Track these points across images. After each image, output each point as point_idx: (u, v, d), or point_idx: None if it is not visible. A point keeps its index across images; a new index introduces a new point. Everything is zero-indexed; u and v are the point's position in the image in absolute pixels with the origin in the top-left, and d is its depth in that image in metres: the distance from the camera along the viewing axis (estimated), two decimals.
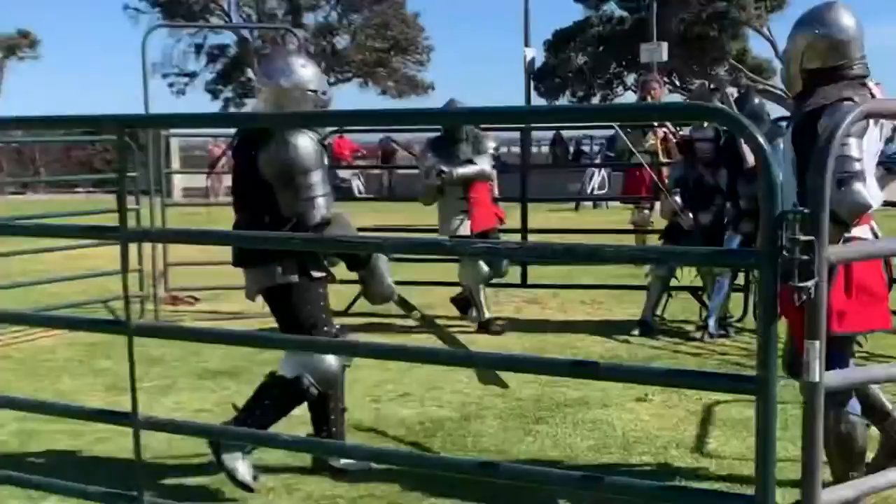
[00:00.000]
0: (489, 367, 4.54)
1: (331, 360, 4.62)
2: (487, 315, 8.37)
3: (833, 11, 3.96)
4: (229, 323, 8.68)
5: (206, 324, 8.58)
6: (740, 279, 8.27)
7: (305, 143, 4.48)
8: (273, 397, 4.64)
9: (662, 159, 10.48)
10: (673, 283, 9.61)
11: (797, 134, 3.72)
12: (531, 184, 9.73)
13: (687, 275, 8.37)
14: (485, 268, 8.31)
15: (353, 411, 5.84)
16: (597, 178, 23.63)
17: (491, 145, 8.65)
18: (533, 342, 7.80)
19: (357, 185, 27.22)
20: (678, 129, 10.45)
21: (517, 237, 9.31)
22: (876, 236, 4.20)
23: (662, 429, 5.39)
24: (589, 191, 23.20)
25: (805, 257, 1.98)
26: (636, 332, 7.99)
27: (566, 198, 20.71)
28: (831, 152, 2.01)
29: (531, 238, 9.26)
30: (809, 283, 2.01)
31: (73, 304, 8.77)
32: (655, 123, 10.33)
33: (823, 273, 2.01)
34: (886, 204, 7.52)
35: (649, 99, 10.92)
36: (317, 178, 4.52)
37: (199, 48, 38.08)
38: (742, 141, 7.96)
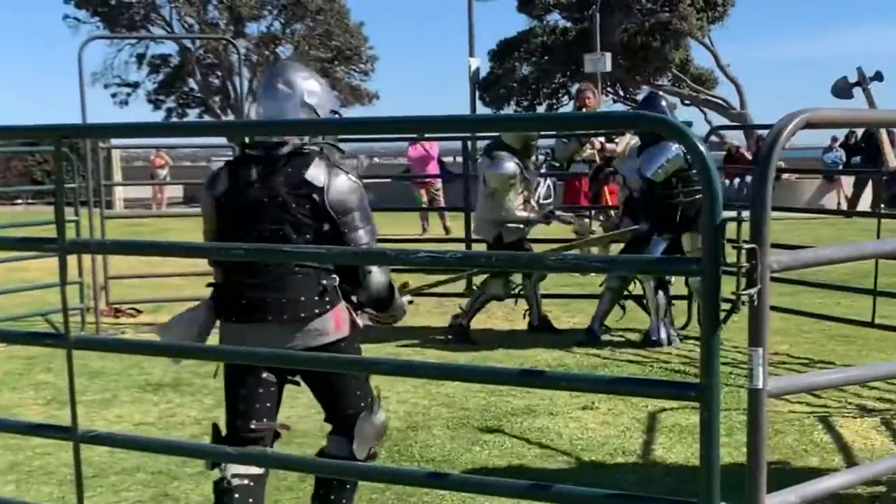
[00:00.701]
0: (436, 378, 4.53)
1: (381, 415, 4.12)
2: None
3: None
4: None
5: (148, 336, 8.46)
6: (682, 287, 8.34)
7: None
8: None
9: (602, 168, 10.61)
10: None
11: None
12: (474, 192, 9.72)
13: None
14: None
15: (298, 423, 5.81)
16: (542, 188, 23.72)
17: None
18: (480, 351, 7.80)
19: None
20: (614, 139, 10.71)
21: (461, 247, 9.30)
22: None
23: (609, 436, 5.42)
24: (535, 200, 23.28)
25: (748, 265, 2.00)
26: (582, 339, 8.02)
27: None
28: (772, 161, 2.03)
29: (475, 248, 9.26)
30: (752, 291, 2.02)
31: (12, 317, 8.62)
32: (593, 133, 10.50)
33: (766, 280, 2.02)
34: (823, 212, 7.69)
35: (585, 108, 11.04)
36: None
37: (140, 58, 37.65)
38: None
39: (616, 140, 10.89)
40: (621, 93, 36.19)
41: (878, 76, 5.73)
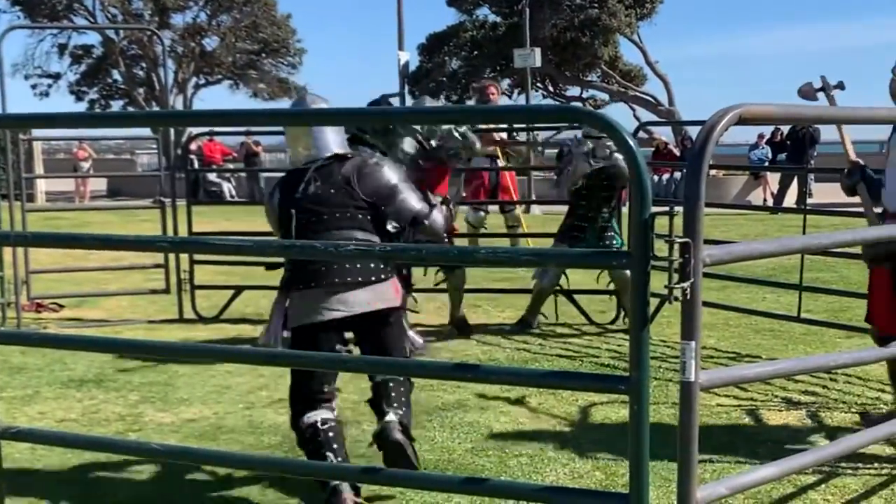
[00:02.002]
0: (367, 372, 4.50)
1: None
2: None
3: None
4: (94, 330, 8.41)
5: (71, 331, 8.28)
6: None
7: None
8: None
9: (502, 163, 11.04)
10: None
11: None
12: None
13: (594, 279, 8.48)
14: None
15: (225, 418, 5.74)
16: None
17: None
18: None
19: (228, 188, 26.82)
20: (515, 134, 11.20)
21: None
22: None
23: (540, 431, 5.42)
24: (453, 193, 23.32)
25: (680, 259, 1.99)
26: (514, 326, 8.13)
27: None
28: (705, 156, 2.03)
29: None
30: (685, 285, 2.02)
31: None
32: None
33: (699, 274, 2.02)
34: (749, 207, 7.80)
35: (488, 102, 11.21)
36: None
37: (62, 48, 36.86)
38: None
39: (516, 136, 11.25)
40: (551, 88, 36.41)
41: (840, 85, 5.95)
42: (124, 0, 35.04)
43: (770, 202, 22.37)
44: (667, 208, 1.99)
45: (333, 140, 4.59)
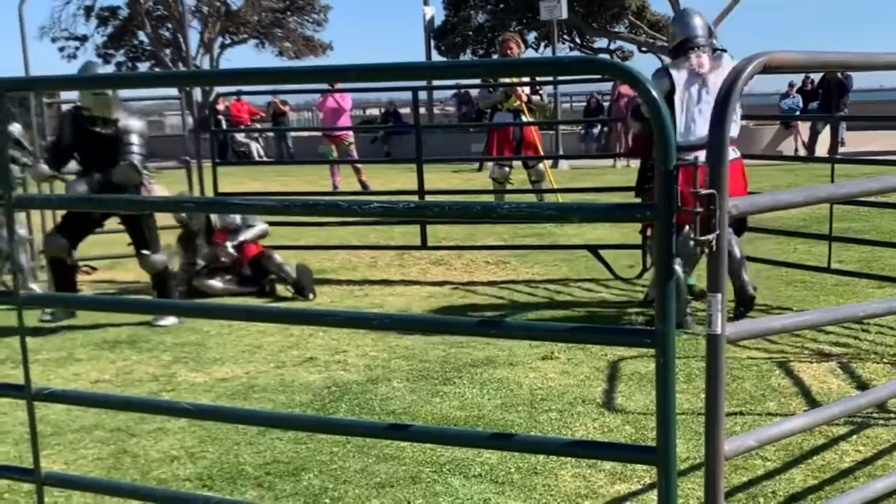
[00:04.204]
0: (395, 329, 4.51)
1: None
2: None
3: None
4: (127, 292, 8.50)
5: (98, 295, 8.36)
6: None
7: None
8: None
9: (527, 118, 11.10)
10: (575, 241, 9.75)
11: None
12: (434, 144, 9.67)
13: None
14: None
15: (256, 377, 5.79)
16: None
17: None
18: (438, 302, 7.79)
19: (256, 148, 26.87)
20: (539, 88, 11.14)
21: (414, 199, 9.24)
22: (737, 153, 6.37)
23: (568, 386, 5.43)
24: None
25: (706, 210, 1.97)
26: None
27: (460, 158, 20.53)
28: (730, 104, 2.00)
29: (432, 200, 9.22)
30: (711, 237, 2.00)
31: None
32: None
33: (724, 226, 2.00)
34: (780, 158, 7.72)
35: (509, 56, 11.20)
36: None
37: (88, 11, 36.91)
38: None
39: (540, 91, 11.21)
40: (578, 40, 36.08)
41: None
42: None
43: (801, 152, 22.14)
44: (691, 160, 1.96)
45: None
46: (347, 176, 16.72)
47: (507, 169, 11.22)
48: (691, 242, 1.98)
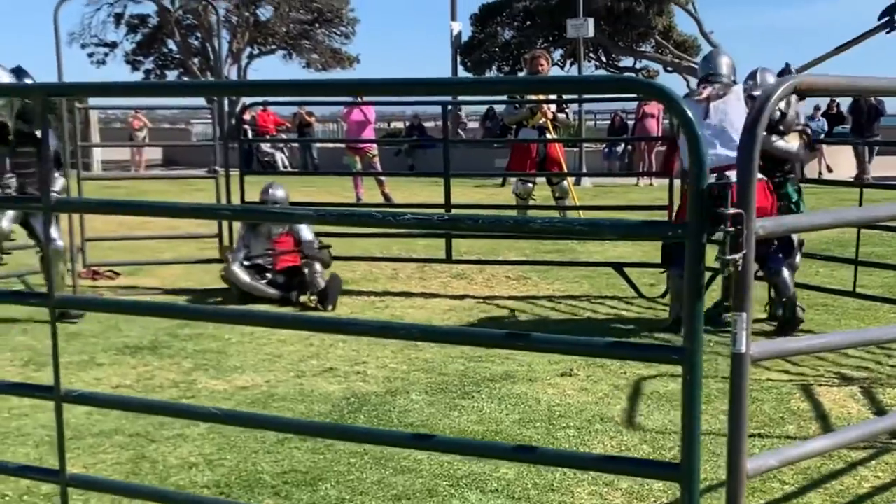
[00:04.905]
0: (421, 340, 4.52)
1: None
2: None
3: None
4: (149, 298, 8.54)
5: (125, 298, 8.41)
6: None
7: None
8: None
9: (552, 136, 11.18)
10: (596, 258, 9.73)
11: None
12: (458, 158, 9.68)
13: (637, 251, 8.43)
14: None
15: (276, 386, 5.81)
16: None
17: None
18: (459, 316, 7.80)
19: (281, 158, 26.98)
20: (566, 106, 11.28)
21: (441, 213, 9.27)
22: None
23: (587, 403, 5.42)
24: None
25: (733, 230, 1.98)
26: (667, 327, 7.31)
27: (486, 173, 20.54)
28: (759, 127, 2.01)
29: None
30: (737, 256, 2.01)
31: None
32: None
33: (751, 246, 2.01)
34: (804, 181, 7.69)
35: (538, 73, 11.26)
36: None
37: (118, 18, 37.21)
38: None
39: (566, 109, 11.26)
40: (604, 59, 36.08)
41: None
42: None
43: (826, 174, 22.06)
44: (724, 179, 1.97)
45: None
46: (371, 188, 16.76)
47: (530, 185, 11.27)
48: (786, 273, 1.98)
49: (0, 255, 7.63)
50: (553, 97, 11.27)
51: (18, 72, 7.69)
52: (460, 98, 15.17)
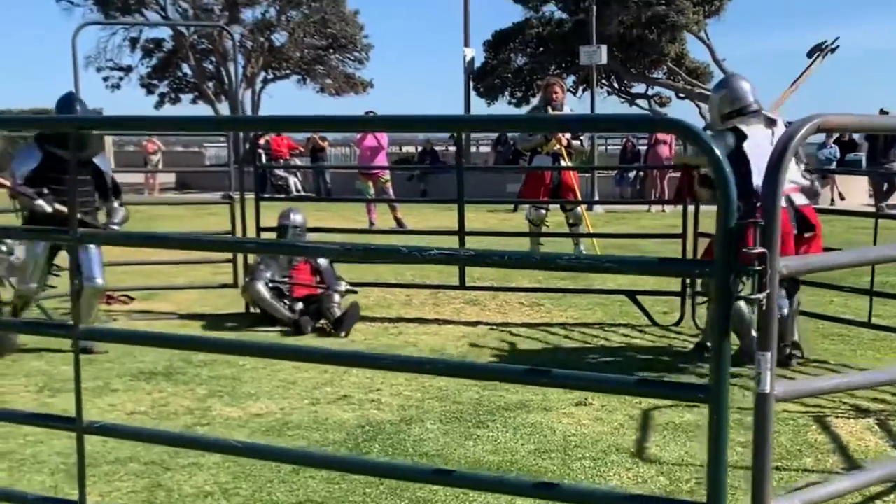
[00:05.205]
0: (439, 374, 4.50)
1: None
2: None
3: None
4: (163, 324, 8.56)
5: (140, 324, 8.43)
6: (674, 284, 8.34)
7: None
8: None
9: (566, 162, 11.14)
10: (610, 285, 9.70)
11: None
12: (470, 183, 9.68)
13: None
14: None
15: (291, 413, 5.80)
16: None
17: None
18: (472, 342, 7.79)
19: (294, 182, 27.06)
20: (580, 135, 11.33)
21: (455, 239, 9.27)
22: (791, 202, 6.41)
23: (602, 433, 5.40)
24: None
25: (758, 268, 1.97)
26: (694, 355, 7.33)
27: (501, 200, 20.57)
28: (783, 167, 2.01)
29: (469, 240, 9.25)
30: (762, 295, 2.00)
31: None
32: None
33: (775, 284, 2.00)
34: (820, 211, 7.65)
35: (553, 102, 11.30)
36: None
37: (134, 42, 37.42)
38: None
39: (580, 136, 11.31)
40: (616, 85, 36.15)
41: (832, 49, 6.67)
42: None
43: (837, 202, 22.02)
44: (752, 218, 1.96)
45: None
46: (383, 213, 16.81)
47: (543, 211, 11.29)
48: (742, 304, 1.98)
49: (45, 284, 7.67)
50: None
51: (69, 99, 7.74)
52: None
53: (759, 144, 6.45)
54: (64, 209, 7.26)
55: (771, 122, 6.66)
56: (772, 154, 2.06)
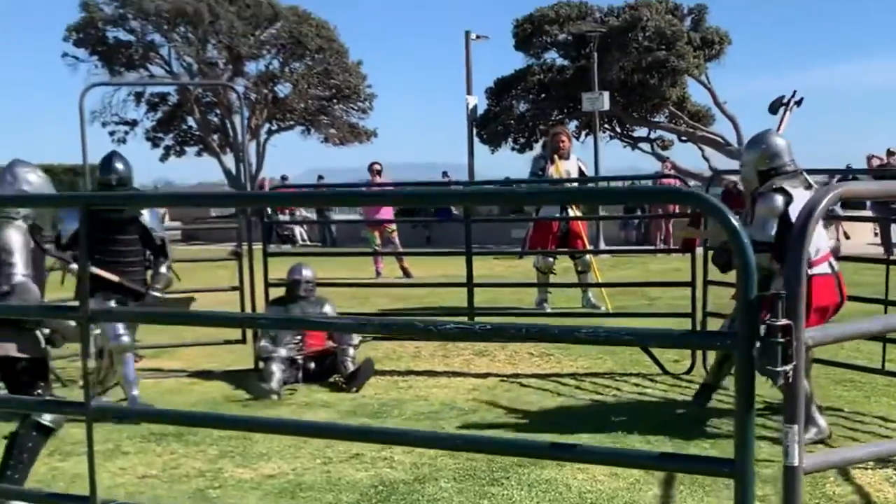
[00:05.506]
0: (465, 450, 4.44)
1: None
2: None
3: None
4: (173, 381, 8.54)
5: (149, 382, 8.38)
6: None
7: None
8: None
9: (573, 211, 11.18)
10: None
11: None
12: (475, 230, 9.67)
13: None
14: None
15: (303, 474, 5.76)
16: None
17: None
18: (483, 396, 7.74)
19: (300, 232, 27.11)
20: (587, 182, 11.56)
21: (463, 290, 9.26)
22: (832, 268, 6.26)
23: (618, 489, 5.35)
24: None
25: (782, 340, 1.95)
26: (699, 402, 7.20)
27: (510, 252, 20.55)
28: (807, 238, 2.00)
29: (477, 291, 9.26)
30: (788, 368, 1.98)
31: None
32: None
33: (801, 356, 1.98)
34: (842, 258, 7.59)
35: (560, 151, 11.40)
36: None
37: (139, 96, 37.69)
38: None
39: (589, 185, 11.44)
40: (618, 129, 36.29)
41: (799, 102, 6.69)
42: (199, 49, 35.74)
43: (843, 241, 21.94)
44: (774, 291, 1.95)
45: None
46: (390, 262, 16.80)
47: (551, 259, 11.31)
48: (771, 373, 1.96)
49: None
50: (574, 172, 11.36)
51: (112, 157, 7.78)
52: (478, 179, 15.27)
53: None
54: (104, 274, 7.20)
55: (809, 185, 6.38)
56: (796, 224, 2.05)
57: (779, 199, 6.16)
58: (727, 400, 6.69)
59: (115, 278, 7.28)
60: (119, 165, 7.67)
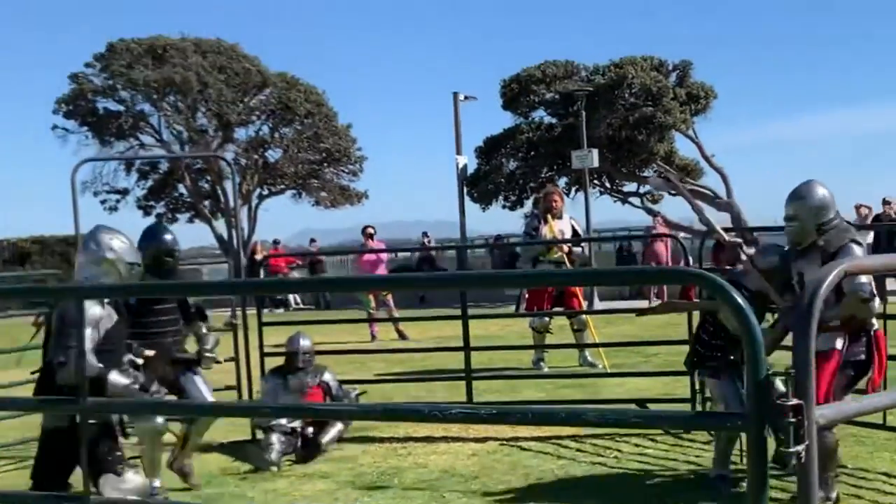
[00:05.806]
0: None
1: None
2: None
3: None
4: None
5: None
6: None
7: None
8: None
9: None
10: (618, 392, 9.63)
11: None
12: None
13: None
14: None
15: None
16: None
17: None
18: (483, 461, 7.69)
19: (293, 295, 27.13)
20: (580, 246, 11.69)
21: (460, 355, 9.24)
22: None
23: None
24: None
25: (794, 420, 1.94)
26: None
27: (509, 315, 20.60)
28: (814, 316, 1.99)
29: (474, 355, 9.25)
30: (800, 448, 1.97)
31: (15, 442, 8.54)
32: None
33: (813, 436, 1.97)
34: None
35: (553, 210, 11.48)
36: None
37: (129, 165, 37.78)
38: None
39: (582, 246, 11.47)
40: (608, 184, 36.42)
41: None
42: (188, 117, 35.93)
43: None
44: (783, 370, 1.94)
45: None
46: (385, 324, 16.78)
47: (547, 319, 11.32)
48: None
49: None
50: (568, 232, 11.40)
51: (156, 228, 7.76)
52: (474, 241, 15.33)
53: None
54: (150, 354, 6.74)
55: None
56: (801, 302, 2.05)
57: (858, 250, 6.04)
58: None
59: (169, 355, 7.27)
60: (168, 237, 7.69)
